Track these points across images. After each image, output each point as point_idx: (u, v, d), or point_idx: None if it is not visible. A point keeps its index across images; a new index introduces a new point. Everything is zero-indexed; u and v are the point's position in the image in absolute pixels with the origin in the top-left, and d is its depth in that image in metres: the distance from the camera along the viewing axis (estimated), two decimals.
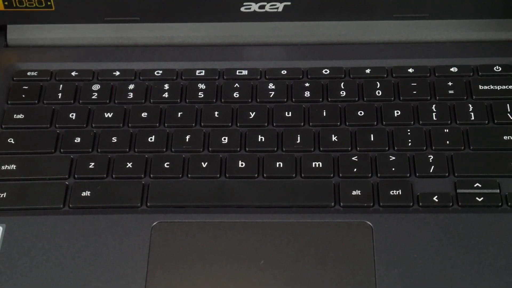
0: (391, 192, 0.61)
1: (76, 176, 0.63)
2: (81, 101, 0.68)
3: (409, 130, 0.65)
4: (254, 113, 0.66)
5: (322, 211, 0.61)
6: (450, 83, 0.68)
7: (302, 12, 0.71)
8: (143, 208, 0.61)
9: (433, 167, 0.62)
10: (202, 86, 0.69)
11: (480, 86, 0.67)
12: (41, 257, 0.59)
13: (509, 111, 0.65)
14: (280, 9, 0.71)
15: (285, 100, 0.68)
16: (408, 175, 0.62)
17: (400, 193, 0.61)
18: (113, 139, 0.65)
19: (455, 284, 0.56)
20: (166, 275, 0.58)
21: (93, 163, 0.63)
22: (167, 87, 0.69)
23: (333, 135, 0.64)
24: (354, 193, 0.61)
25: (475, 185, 0.61)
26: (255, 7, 0.71)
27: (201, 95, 0.68)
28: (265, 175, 0.63)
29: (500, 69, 0.68)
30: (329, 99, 0.67)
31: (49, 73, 0.70)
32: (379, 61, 0.70)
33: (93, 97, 0.68)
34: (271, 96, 0.68)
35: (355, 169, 0.62)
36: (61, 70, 0.70)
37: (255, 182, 0.62)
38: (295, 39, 0.72)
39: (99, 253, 0.59)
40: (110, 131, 0.66)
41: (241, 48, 0.72)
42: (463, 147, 0.64)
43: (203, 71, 0.70)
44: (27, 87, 0.69)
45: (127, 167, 0.63)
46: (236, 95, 0.68)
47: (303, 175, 0.62)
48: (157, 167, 0.63)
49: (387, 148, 0.64)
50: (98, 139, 0.65)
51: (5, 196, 0.62)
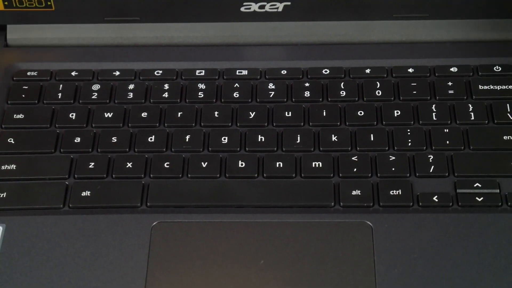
0: (391, 192, 0.61)
1: (76, 176, 0.63)
2: (81, 101, 0.68)
3: (409, 130, 0.65)
4: (254, 113, 0.66)
5: (322, 211, 0.61)
6: (450, 83, 0.68)
7: (302, 12, 0.71)
8: (143, 208, 0.61)
9: (433, 167, 0.62)
10: (202, 86, 0.69)
11: (480, 86, 0.67)
12: (41, 257, 0.59)
13: (509, 111, 0.65)
14: (280, 9, 0.71)
15: (285, 100, 0.68)
16: (408, 175, 0.62)
17: (400, 193, 0.61)
18: (113, 139, 0.65)
19: (455, 284, 0.56)
20: (166, 275, 0.58)
21: (93, 163, 0.63)
22: (167, 87, 0.69)
23: (333, 135, 0.64)
24: (354, 193, 0.61)
25: (475, 185, 0.61)
26: (255, 7, 0.71)
27: (201, 95, 0.68)
28: (265, 175, 0.63)
29: (500, 69, 0.68)
30: (329, 99, 0.67)
31: (49, 73, 0.70)
32: (379, 61, 0.70)
33: (93, 97, 0.68)
34: (271, 96, 0.68)
35: (355, 169, 0.62)
36: (61, 70, 0.70)
37: (255, 182, 0.62)
38: (295, 39, 0.72)
39: (99, 253, 0.59)
40: (110, 131, 0.66)
41: (241, 48, 0.72)
42: (463, 147, 0.64)
43: (203, 71, 0.70)
44: (27, 87, 0.69)
45: (127, 167, 0.63)
46: (236, 95, 0.68)
47: (303, 175, 0.62)
48: (157, 167, 0.63)
49: (387, 148, 0.64)
50: (98, 139, 0.65)
51: (5, 196, 0.62)
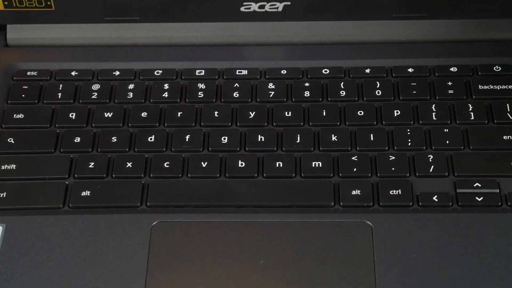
0: (391, 192, 0.61)
1: (76, 176, 0.63)
2: (81, 101, 0.68)
3: (409, 130, 0.65)
4: (254, 113, 0.66)
5: (322, 211, 0.61)
6: (450, 83, 0.67)
7: (302, 12, 0.71)
8: (143, 207, 0.61)
9: (432, 167, 0.62)
10: (202, 86, 0.69)
11: (480, 86, 0.67)
12: (41, 257, 0.59)
13: (509, 111, 0.65)
14: (280, 9, 0.71)
15: (285, 100, 0.68)
16: (408, 175, 0.62)
17: (400, 193, 0.61)
18: (113, 139, 0.65)
19: (455, 284, 0.56)
20: (166, 275, 0.58)
21: (93, 163, 0.63)
22: (167, 87, 0.69)
23: (333, 135, 0.64)
24: (354, 193, 0.61)
25: (475, 185, 0.61)
26: (255, 7, 0.71)
27: (201, 95, 0.68)
28: (265, 175, 0.63)
29: (500, 69, 0.68)
30: (329, 99, 0.67)
31: (49, 73, 0.70)
32: (379, 61, 0.70)
33: (93, 97, 0.68)
34: (271, 96, 0.68)
35: (355, 169, 0.62)
36: (61, 70, 0.70)
37: (255, 182, 0.62)
38: (295, 39, 0.72)
39: (99, 253, 0.59)
40: (110, 131, 0.66)
41: (241, 48, 0.72)
42: (463, 147, 0.64)
43: (203, 71, 0.70)
44: (27, 87, 0.69)
45: (127, 167, 0.63)
46: (236, 95, 0.68)
47: (303, 175, 0.62)
48: (157, 167, 0.63)
49: (387, 148, 0.64)
50: (98, 139, 0.65)
51: (5, 196, 0.62)
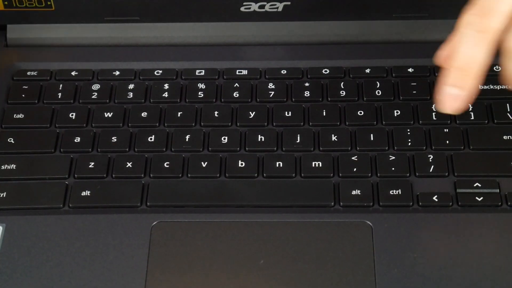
0: (391, 191, 0.61)
1: (76, 175, 0.63)
2: (81, 101, 0.68)
3: (409, 129, 0.65)
4: (254, 113, 0.66)
5: (322, 210, 0.61)
6: None
7: (302, 12, 0.71)
8: (143, 207, 0.61)
9: (432, 166, 0.62)
10: (202, 86, 0.69)
11: (480, 85, 0.67)
12: (41, 257, 0.59)
13: (509, 111, 0.65)
14: (280, 9, 0.71)
15: (285, 100, 0.68)
16: (408, 174, 0.62)
17: (400, 193, 0.61)
18: (113, 138, 0.65)
19: (455, 284, 0.56)
20: (166, 275, 0.58)
21: (93, 163, 0.63)
22: (167, 87, 0.69)
23: (333, 135, 0.64)
24: (354, 192, 0.61)
25: (475, 185, 0.61)
26: (255, 7, 0.71)
27: (201, 95, 0.68)
28: (265, 175, 0.63)
29: (500, 69, 0.68)
30: (329, 99, 0.67)
31: (49, 73, 0.70)
32: (379, 61, 0.70)
33: (93, 97, 0.68)
34: (271, 96, 0.68)
35: (355, 169, 0.62)
36: (61, 70, 0.70)
37: (255, 182, 0.62)
38: (295, 39, 0.72)
39: (99, 253, 0.59)
40: (110, 130, 0.66)
41: (241, 48, 0.72)
42: (462, 147, 0.63)
43: (203, 71, 0.70)
44: (27, 87, 0.69)
45: (127, 166, 0.63)
46: (236, 95, 0.68)
47: (303, 175, 0.62)
48: (157, 167, 0.63)
49: (387, 147, 0.64)
50: (98, 139, 0.65)
51: (5, 196, 0.62)
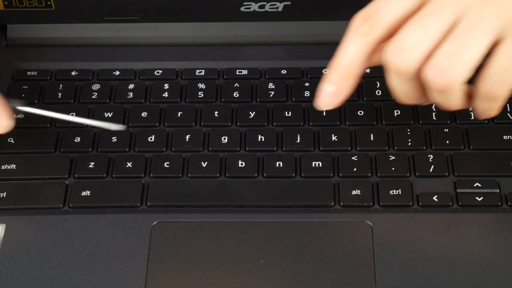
0: (391, 191, 0.61)
1: (76, 175, 0.63)
2: (81, 101, 0.68)
3: (409, 129, 0.65)
4: (254, 112, 0.66)
5: (322, 210, 0.61)
6: None
7: (302, 11, 0.71)
8: (143, 207, 0.61)
9: (432, 166, 0.62)
10: (202, 85, 0.69)
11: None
12: (41, 257, 0.59)
13: (509, 111, 0.65)
14: (280, 9, 0.71)
15: (285, 99, 0.68)
16: (408, 174, 0.62)
17: (400, 193, 0.61)
18: (113, 138, 0.65)
19: (455, 284, 0.56)
20: (166, 275, 0.58)
21: (93, 163, 0.63)
22: (167, 86, 0.69)
23: (333, 135, 0.64)
24: (354, 192, 0.61)
25: (475, 185, 0.61)
26: (255, 6, 0.71)
27: (201, 95, 0.68)
28: (265, 174, 0.63)
29: None
30: None
31: (49, 73, 0.70)
32: None
33: (93, 97, 0.68)
34: (271, 95, 0.68)
35: (355, 169, 0.62)
36: (61, 70, 0.70)
37: (255, 181, 0.62)
38: (295, 39, 0.72)
39: (99, 253, 0.59)
40: (109, 130, 0.66)
41: (241, 48, 0.72)
42: (463, 147, 0.63)
43: (203, 71, 0.70)
44: (27, 87, 0.69)
45: (127, 166, 0.63)
46: (236, 95, 0.68)
47: (303, 175, 0.62)
48: (157, 167, 0.63)
49: (387, 147, 0.64)
50: (98, 139, 0.65)
51: (5, 196, 0.62)
